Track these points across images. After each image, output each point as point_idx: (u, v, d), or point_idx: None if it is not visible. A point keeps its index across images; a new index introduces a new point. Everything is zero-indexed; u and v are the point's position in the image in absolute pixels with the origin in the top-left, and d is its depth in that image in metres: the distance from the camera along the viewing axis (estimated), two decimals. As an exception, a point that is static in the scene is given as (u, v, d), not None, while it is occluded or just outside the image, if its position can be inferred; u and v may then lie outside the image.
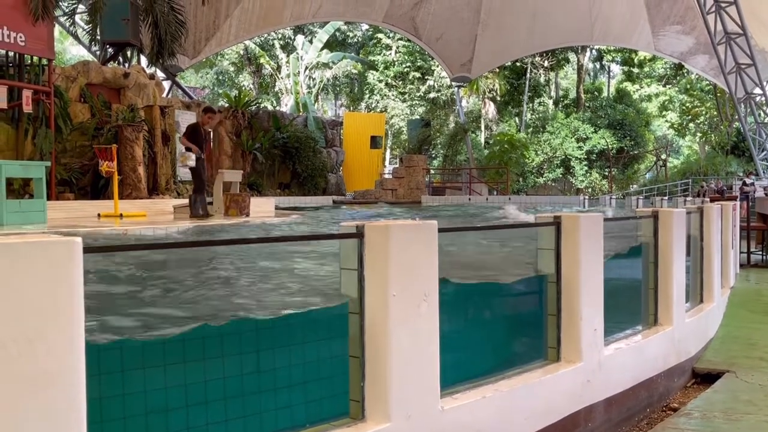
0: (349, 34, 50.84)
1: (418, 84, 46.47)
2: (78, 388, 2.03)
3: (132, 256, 5.79)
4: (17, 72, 16.67)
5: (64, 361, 1.99)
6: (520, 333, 4.40)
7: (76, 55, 44.20)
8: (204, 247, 4.70)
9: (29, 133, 16.61)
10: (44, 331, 1.95)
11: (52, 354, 1.97)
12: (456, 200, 29.98)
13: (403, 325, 3.02)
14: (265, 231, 12.05)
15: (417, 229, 3.15)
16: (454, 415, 3.27)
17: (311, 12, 35.78)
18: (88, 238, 4.40)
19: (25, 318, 1.92)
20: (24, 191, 15.30)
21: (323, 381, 3.10)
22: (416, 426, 3.07)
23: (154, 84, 21.75)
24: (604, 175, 40.10)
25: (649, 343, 5.11)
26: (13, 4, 15.61)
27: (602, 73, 53.04)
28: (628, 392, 4.70)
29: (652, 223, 5.46)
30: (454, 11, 37.17)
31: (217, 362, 2.80)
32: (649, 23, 36.49)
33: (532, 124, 44.11)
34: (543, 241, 4.27)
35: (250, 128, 28.17)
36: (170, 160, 21.03)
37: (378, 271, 2.99)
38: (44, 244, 1.99)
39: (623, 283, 5.57)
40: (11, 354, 1.90)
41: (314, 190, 29.97)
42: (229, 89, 43.79)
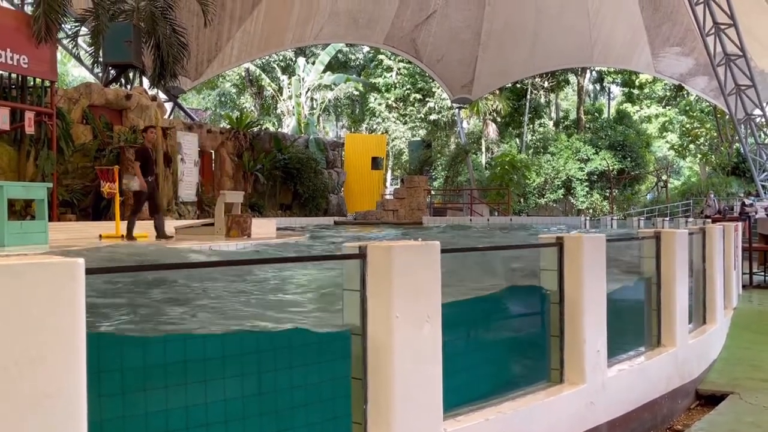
0: (351, 56, 51.07)
1: (419, 106, 46.62)
2: (79, 409, 2.02)
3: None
4: (20, 94, 16.74)
5: (66, 383, 1.98)
6: (522, 354, 4.38)
7: (78, 76, 44.39)
8: (203, 268, 4.70)
9: (31, 154, 16.65)
10: (46, 353, 1.94)
11: (54, 375, 1.96)
12: (457, 221, 29.97)
13: (406, 346, 3.00)
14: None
15: (420, 249, 3.14)
16: (457, 438, 3.25)
17: (312, 34, 35.99)
18: (90, 259, 4.39)
19: (27, 339, 1.91)
20: (26, 212, 15.31)
21: (325, 402, 3.07)
22: (419, 449, 3.04)
23: (156, 105, 21.82)
24: (605, 196, 40.12)
25: (652, 365, 5.09)
26: (17, 26, 15.71)
27: (602, 94, 53.24)
28: (632, 414, 4.67)
29: (655, 244, 5.45)
30: (455, 33, 37.38)
31: (218, 383, 2.78)
32: (648, 45, 36.68)
33: (532, 145, 44.20)
34: (545, 262, 4.26)
35: (251, 149, 28.25)
36: (172, 181, 21.06)
37: (381, 292, 2.98)
38: (46, 265, 1.98)
39: (626, 304, 5.54)
40: (12, 375, 1.88)
41: (315, 211, 30.00)
42: (230, 111, 43.94)
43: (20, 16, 17.08)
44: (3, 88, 16.73)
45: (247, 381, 2.83)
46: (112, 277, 5.85)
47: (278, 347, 2.94)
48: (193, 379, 2.68)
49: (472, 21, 37.09)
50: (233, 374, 2.80)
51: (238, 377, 2.81)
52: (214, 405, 2.73)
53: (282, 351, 2.93)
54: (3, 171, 16.26)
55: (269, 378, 2.90)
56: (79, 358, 2.02)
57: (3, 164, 16.39)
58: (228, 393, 2.77)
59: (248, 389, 2.83)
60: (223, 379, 2.78)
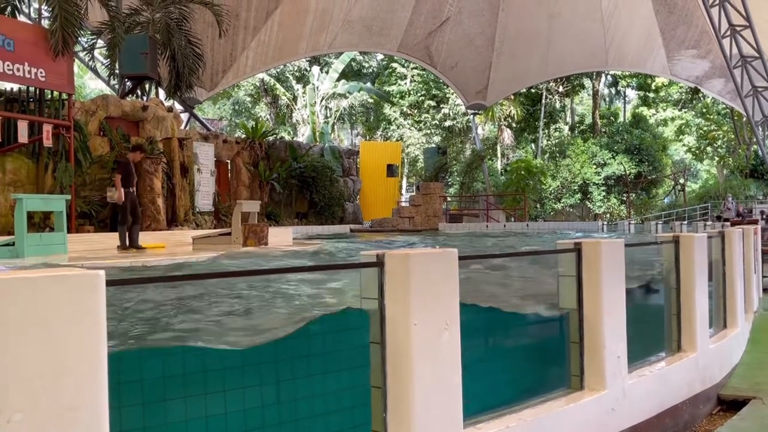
0: (365, 64, 51.18)
1: (433, 112, 46.61)
2: (101, 421, 2.03)
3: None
4: (38, 107, 16.89)
5: (88, 394, 1.99)
6: (542, 360, 4.36)
7: (94, 88, 44.75)
8: (223, 278, 4.71)
9: (49, 166, 16.78)
10: (68, 365, 1.95)
11: (76, 387, 1.97)
12: (473, 227, 29.90)
13: (425, 354, 3.00)
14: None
15: (437, 257, 3.13)
16: (477, 446, 3.23)
17: (326, 43, 36.10)
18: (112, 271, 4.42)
19: (50, 352, 1.93)
20: (45, 224, 15.43)
21: (345, 411, 3.08)
22: (439, 457, 3.03)
23: (173, 116, 21.95)
24: (622, 201, 39.90)
25: (673, 370, 5.05)
26: (34, 40, 15.86)
27: (618, 98, 53.03)
28: (653, 420, 4.63)
29: (674, 249, 5.41)
30: (469, 39, 37.38)
31: (238, 393, 2.79)
32: (664, 48, 36.49)
33: (548, 150, 44.06)
34: (564, 268, 4.24)
35: (267, 158, 28.34)
36: (189, 191, 21.16)
37: (399, 300, 2.98)
38: (67, 277, 2.00)
39: (645, 310, 5.51)
40: (36, 388, 1.90)
41: (331, 219, 30.02)
42: (246, 120, 44.13)
43: (37, 30, 17.25)
44: (21, 102, 16.89)
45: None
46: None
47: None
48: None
49: (486, 27, 37.07)
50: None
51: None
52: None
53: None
54: (22, 183, 16.39)
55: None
56: (101, 369, 2.03)
57: (22, 177, 16.53)
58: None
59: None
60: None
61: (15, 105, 16.83)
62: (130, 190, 13.61)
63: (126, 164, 13.80)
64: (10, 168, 16.26)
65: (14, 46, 15.18)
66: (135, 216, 13.75)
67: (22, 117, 16.01)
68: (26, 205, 11.70)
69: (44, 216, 15.40)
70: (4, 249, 11.48)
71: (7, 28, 15.28)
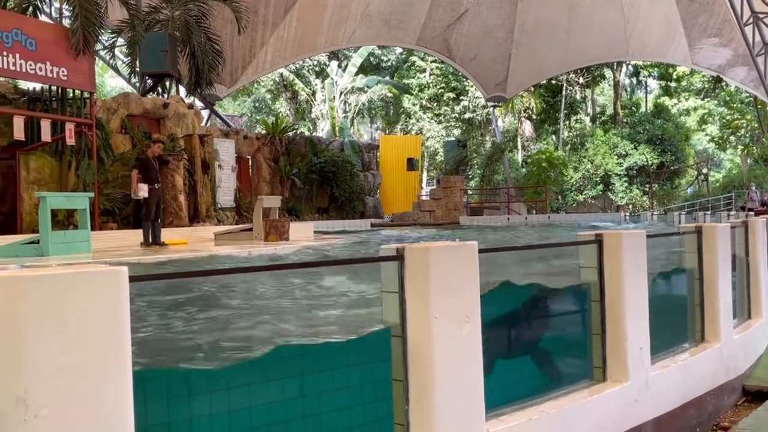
0: (383, 58, 51.11)
1: (452, 105, 46.45)
2: (126, 418, 2.05)
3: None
4: (60, 106, 17.04)
5: (113, 389, 2.01)
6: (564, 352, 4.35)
7: (115, 87, 45.05)
8: (246, 273, 4.74)
9: (72, 165, 16.93)
10: (93, 360, 1.98)
11: (101, 383, 1.99)
12: (495, 220, 29.83)
13: (446, 347, 3.00)
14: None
15: (457, 250, 3.14)
16: (499, 438, 3.24)
17: (345, 37, 36.10)
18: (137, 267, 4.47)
19: (74, 348, 1.95)
20: (68, 222, 15.58)
21: (367, 405, 3.09)
22: (462, 449, 3.04)
23: (193, 113, 22.07)
24: (644, 191, 39.59)
25: (696, 361, 5.02)
26: (56, 39, 16.00)
27: (639, 88, 52.57)
28: (677, 411, 4.61)
29: (697, 239, 5.37)
30: (488, 31, 37.22)
31: (260, 387, 2.81)
32: (685, 37, 36.12)
33: (569, 142, 43.79)
34: (585, 260, 4.22)
35: (287, 154, 28.42)
36: (210, 188, 21.27)
37: (419, 294, 2.99)
38: (91, 274, 2.02)
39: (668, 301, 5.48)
40: (61, 384, 1.92)
41: (352, 214, 30.06)
42: (266, 116, 44.25)
43: (58, 29, 17.40)
44: (44, 101, 17.05)
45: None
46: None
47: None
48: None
49: (505, 19, 36.89)
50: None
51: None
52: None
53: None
54: (46, 182, 16.56)
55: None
56: (126, 364, 2.05)
57: (45, 175, 16.70)
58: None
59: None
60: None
61: (38, 104, 16.99)
62: (155, 187, 13.67)
63: (145, 160, 13.89)
64: (33, 166, 16.43)
65: (36, 45, 15.32)
66: (157, 213, 13.85)
67: (45, 116, 16.16)
68: (50, 203, 11.82)
69: (68, 214, 15.54)
70: (29, 247, 11.61)
71: (29, 28, 15.42)
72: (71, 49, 16.08)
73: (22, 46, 15.04)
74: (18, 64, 14.93)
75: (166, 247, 13.53)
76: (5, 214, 16.42)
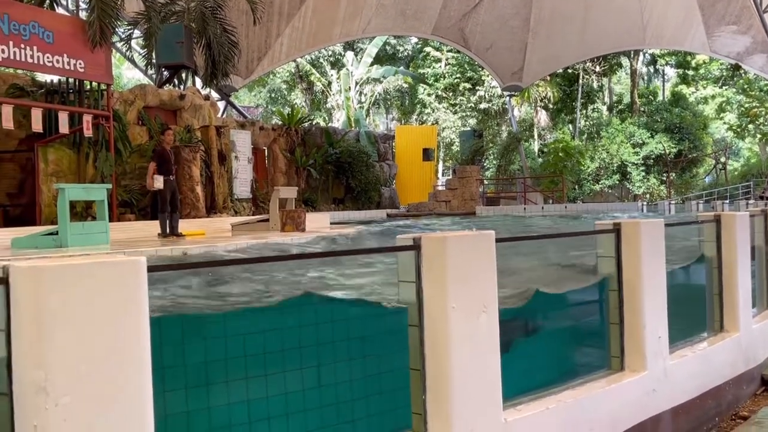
0: (399, 48, 50.99)
1: (468, 95, 46.29)
2: (145, 406, 2.07)
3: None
4: (77, 98, 17.13)
5: (132, 378, 2.03)
6: (581, 342, 4.33)
7: (132, 78, 45.24)
8: (262, 263, 4.76)
9: (90, 156, 17.02)
10: (112, 349, 2.00)
11: (121, 372, 2.01)
12: (511, 210, 29.75)
13: (464, 336, 3.01)
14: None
15: (474, 239, 3.13)
16: (517, 428, 3.24)
17: (360, 28, 36.03)
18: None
19: (94, 337, 1.97)
20: (87, 214, 15.69)
21: (384, 394, 3.09)
22: (479, 438, 3.04)
23: (209, 105, 22.12)
24: (662, 181, 39.33)
25: (715, 350, 4.99)
26: (73, 32, 16.06)
27: (656, 76, 52.16)
28: (696, 401, 4.59)
29: (715, 228, 5.34)
30: (504, 21, 37.02)
31: (278, 377, 2.82)
32: (703, 24, 35.77)
33: (586, 131, 43.53)
34: (603, 249, 4.21)
35: (303, 145, 28.45)
36: (227, 179, 21.34)
37: (436, 283, 2.99)
38: (111, 264, 2.03)
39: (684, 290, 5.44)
40: (82, 372, 1.94)
41: (368, 204, 30.08)
42: (282, 107, 44.30)
43: (75, 21, 17.47)
44: (61, 93, 17.14)
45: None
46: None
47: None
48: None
49: (521, 7, 36.67)
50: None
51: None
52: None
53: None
54: (64, 174, 16.66)
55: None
56: (145, 353, 2.07)
57: (63, 167, 16.80)
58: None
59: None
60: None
61: (55, 96, 17.09)
62: (170, 178, 13.79)
63: (161, 152, 13.94)
64: (52, 158, 16.54)
65: (53, 38, 15.39)
66: (174, 204, 13.92)
67: (62, 108, 16.25)
68: (68, 195, 11.89)
69: (86, 205, 15.65)
70: (48, 238, 11.70)
71: (46, 21, 15.50)
72: (88, 42, 16.14)
73: (40, 39, 15.11)
74: (36, 56, 15.01)
75: (184, 238, 13.61)
76: (24, 205, 16.56)
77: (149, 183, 13.74)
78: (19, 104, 15.50)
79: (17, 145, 16.63)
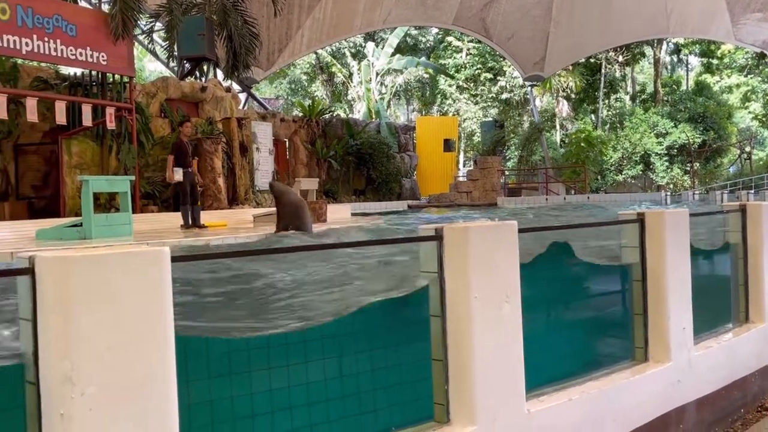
0: (420, 39, 50.82)
1: (489, 85, 46.08)
2: (170, 394, 2.08)
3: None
4: (100, 90, 17.25)
5: (156, 368, 2.04)
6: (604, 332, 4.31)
7: (153, 71, 45.47)
8: (286, 253, 4.77)
9: (113, 149, 17.15)
10: (136, 339, 2.01)
11: (145, 361, 2.02)
12: (532, 201, 29.62)
13: (486, 326, 3.00)
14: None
15: (496, 229, 3.12)
16: (540, 418, 3.23)
17: (381, 19, 35.93)
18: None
19: (119, 327, 1.98)
20: (110, 205, 15.82)
21: (405, 385, 3.09)
22: (502, 429, 3.04)
23: (231, 96, 22.19)
24: (685, 171, 38.94)
25: (740, 341, 4.95)
26: (95, 25, 16.17)
27: (680, 65, 51.60)
28: (721, 392, 4.55)
29: (740, 218, 5.28)
30: (525, 10, 36.75)
31: (300, 368, 2.83)
32: (728, 12, 35.31)
33: (608, 121, 43.19)
34: (627, 239, 4.18)
35: (324, 136, 28.48)
36: (248, 170, 21.41)
37: (458, 274, 2.98)
38: (135, 254, 2.05)
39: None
40: (107, 362, 1.96)
41: (389, 196, 30.07)
42: (302, 98, 44.34)
43: (98, 14, 17.57)
44: (84, 86, 17.26)
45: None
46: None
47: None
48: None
49: (543, -4, 36.43)
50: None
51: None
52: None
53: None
54: (87, 166, 16.80)
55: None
56: (168, 342, 2.08)
57: (87, 159, 16.94)
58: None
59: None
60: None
61: (79, 89, 17.21)
62: (188, 170, 13.85)
63: (179, 144, 14.01)
64: (75, 151, 16.68)
65: (76, 31, 15.50)
66: (193, 195, 13.99)
67: (86, 101, 16.37)
68: (92, 187, 11.98)
69: (110, 197, 15.77)
70: (72, 229, 11.81)
71: (69, 14, 15.60)
72: (110, 35, 16.22)
73: (63, 32, 15.22)
74: (59, 49, 15.12)
75: (206, 229, 13.68)
76: (49, 197, 16.73)
77: (168, 176, 13.84)
78: (43, 97, 15.62)
79: (41, 138, 16.80)
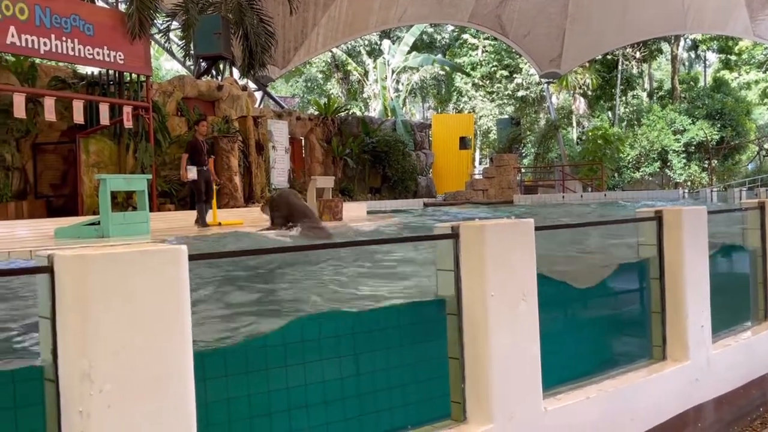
0: (436, 37, 50.73)
1: (505, 83, 45.95)
2: (187, 392, 2.08)
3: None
4: (117, 89, 17.35)
5: (174, 367, 2.05)
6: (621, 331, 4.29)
7: (170, 70, 45.68)
8: (304, 251, 4.79)
9: (130, 147, 17.24)
10: (154, 338, 2.02)
11: (162, 360, 2.03)
12: (549, 199, 29.50)
13: (503, 325, 2.99)
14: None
15: (513, 227, 3.11)
16: (557, 416, 3.22)
17: (396, 16, 35.91)
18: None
19: (137, 325, 1.99)
20: (128, 204, 15.90)
21: (421, 383, 3.09)
22: (519, 427, 3.03)
23: (247, 95, 22.25)
24: (703, 168, 38.67)
25: (759, 340, 4.91)
26: (113, 24, 16.26)
27: (698, 62, 51.22)
28: (740, 391, 4.52)
29: (759, 215, 5.24)
30: (541, 7, 36.60)
31: (316, 365, 2.83)
32: (746, 7, 34.99)
33: (625, 118, 42.94)
34: (644, 237, 4.15)
35: (340, 134, 28.52)
36: (264, 169, 21.46)
37: (475, 272, 2.97)
38: (152, 252, 2.05)
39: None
40: (124, 360, 1.97)
41: (405, 193, 30.06)
42: (318, 96, 44.40)
43: (115, 14, 17.67)
44: (102, 85, 17.37)
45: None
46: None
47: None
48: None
49: (559, -7, 36.27)
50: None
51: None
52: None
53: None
54: (105, 164, 16.90)
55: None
56: (186, 340, 2.09)
57: (104, 158, 17.04)
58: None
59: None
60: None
61: (96, 88, 17.31)
62: (203, 169, 13.91)
63: (193, 143, 14.09)
64: (93, 149, 16.79)
65: (94, 30, 15.59)
66: (207, 194, 14.05)
67: (103, 100, 16.46)
68: (110, 185, 12.05)
69: (127, 195, 15.86)
70: (90, 228, 11.88)
71: (86, 14, 15.69)
72: (127, 34, 16.31)
73: (80, 32, 15.31)
74: (77, 49, 15.22)
75: (209, 228, 13.75)
76: (66, 196, 16.85)
77: (182, 174, 13.90)
78: (61, 96, 15.73)
79: (59, 137, 16.92)
